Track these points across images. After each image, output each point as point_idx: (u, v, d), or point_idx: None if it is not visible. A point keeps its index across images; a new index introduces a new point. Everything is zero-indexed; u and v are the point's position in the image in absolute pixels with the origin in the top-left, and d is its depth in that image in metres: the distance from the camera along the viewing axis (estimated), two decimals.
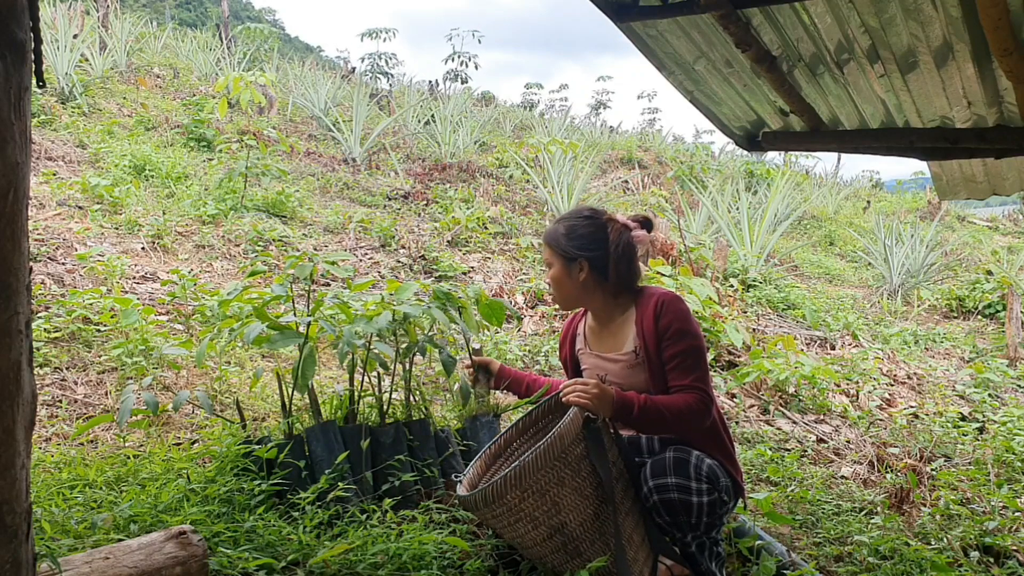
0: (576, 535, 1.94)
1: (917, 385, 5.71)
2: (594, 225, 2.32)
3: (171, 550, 1.82)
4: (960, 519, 3.18)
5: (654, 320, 2.22)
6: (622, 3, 2.57)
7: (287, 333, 2.48)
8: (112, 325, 3.80)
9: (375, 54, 18.63)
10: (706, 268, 6.94)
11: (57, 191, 5.83)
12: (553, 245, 2.34)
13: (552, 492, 1.89)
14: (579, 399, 2.02)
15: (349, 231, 6.73)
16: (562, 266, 2.32)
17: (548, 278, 2.38)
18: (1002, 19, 2.07)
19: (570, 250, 2.31)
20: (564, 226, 2.34)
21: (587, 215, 2.36)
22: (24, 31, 1.18)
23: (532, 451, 1.88)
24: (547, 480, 1.88)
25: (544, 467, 1.87)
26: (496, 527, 2.02)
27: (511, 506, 1.89)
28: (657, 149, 15.68)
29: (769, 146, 3.69)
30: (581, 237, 2.31)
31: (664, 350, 2.20)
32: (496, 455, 2.29)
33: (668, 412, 2.11)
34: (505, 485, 1.87)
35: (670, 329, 2.19)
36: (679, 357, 2.18)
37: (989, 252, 11.43)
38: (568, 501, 1.92)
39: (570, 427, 1.92)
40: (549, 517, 1.91)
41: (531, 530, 1.92)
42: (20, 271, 1.19)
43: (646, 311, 2.26)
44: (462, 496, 2.01)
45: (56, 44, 8.83)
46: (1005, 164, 3.93)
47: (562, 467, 1.90)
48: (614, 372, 2.31)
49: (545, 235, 2.39)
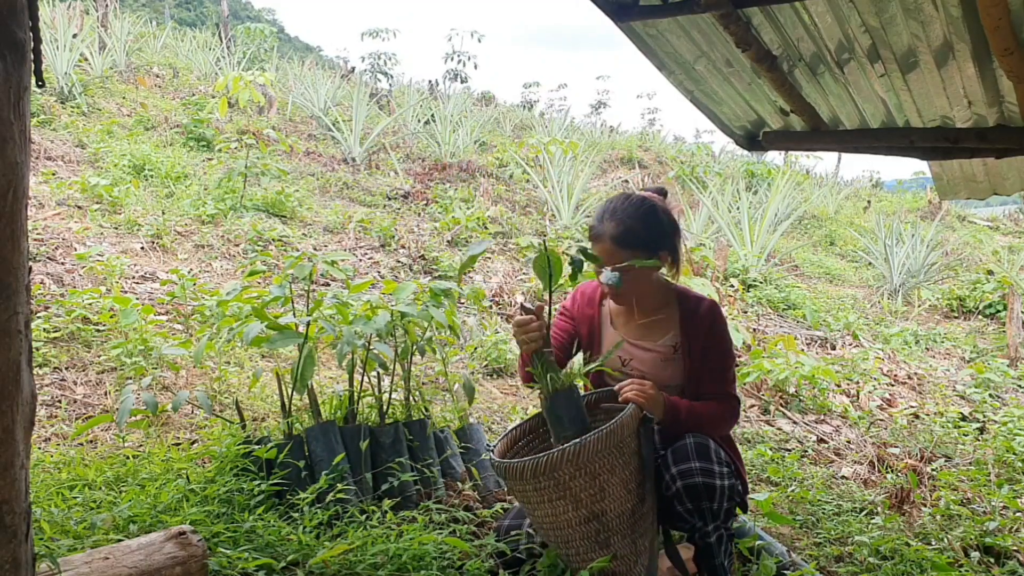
0: (611, 526, 1.97)
1: (917, 385, 5.71)
2: (654, 212, 2.20)
3: (171, 550, 1.82)
4: (960, 519, 3.17)
5: (709, 325, 2.24)
6: (622, 3, 2.57)
7: (286, 333, 2.48)
8: (111, 325, 3.79)
9: (375, 54, 18.62)
10: (707, 268, 6.93)
11: (56, 191, 5.83)
12: (634, 245, 2.14)
13: (602, 478, 1.93)
14: (638, 397, 2.04)
15: (349, 231, 6.73)
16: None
17: (626, 280, 2.10)
18: (1003, 19, 2.07)
19: (653, 242, 2.18)
20: (635, 222, 2.16)
21: (644, 207, 2.19)
22: (24, 31, 1.17)
23: (594, 433, 1.90)
24: (600, 465, 1.91)
25: (602, 451, 1.91)
26: (531, 501, 1.99)
27: (560, 481, 1.91)
28: (657, 149, 15.67)
29: (769, 146, 3.69)
30: (658, 227, 2.19)
31: (708, 354, 2.24)
32: (516, 439, 2.27)
33: (707, 419, 2.18)
34: (561, 459, 1.89)
35: (718, 338, 2.26)
36: (721, 366, 2.25)
37: (990, 252, 11.43)
38: (613, 491, 1.95)
39: (630, 420, 1.97)
40: (593, 502, 1.94)
41: (571, 510, 1.94)
42: (20, 271, 1.19)
43: (696, 313, 2.26)
44: (508, 463, 1.97)
45: (55, 44, 8.82)
46: (1005, 164, 3.93)
47: (616, 456, 1.94)
48: (643, 360, 2.27)
49: (616, 238, 2.14)
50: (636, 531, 2.02)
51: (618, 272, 2.04)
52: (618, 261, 2.12)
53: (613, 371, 2.28)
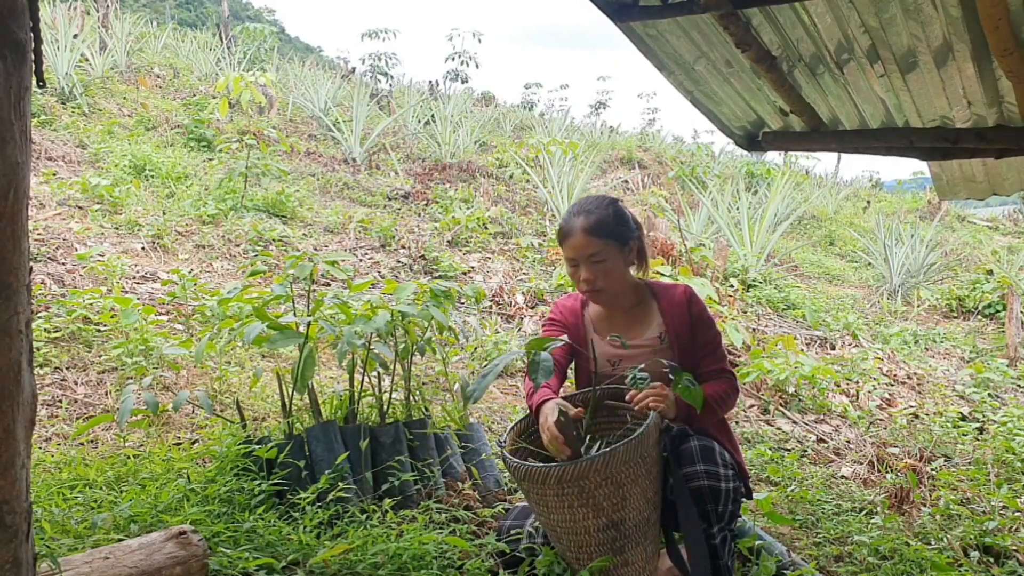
0: (628, 534, 1.98)
1: (917, 385, 5.71)
2: (621, 207, 2.29)
3: (171, 550, 1.82)
4: (960, 519, 3.18)
5: (687, 307, 2.29)
6: (622, 3, 2.57)
7: (287, 333, 2.48)
8: (112, 325, 3.80)
9: (375, 54, 18.60)
10: (706, 268, 6.94)
11: (57, 191, 5.83)
12: (606, 234, 2.20)
13: (626, 487, 1.93)
14: (657, 404, 2.04)
15: (349, 231, 6.73)
16: (617, 253, 2.23)
17: (601, 274, 2.21)
18: (1002, 19, 2.07)
19: (623, 233, 2.23)
20: (605, 212, 2.23)
21: (608, 200, 2.29)
22: (24, 31, 1.18)
23: (623, 444, 1.90)
24: (626, 474, 1.92)
25: (629, 461, 1.91)
26: (548, 505, 1.98)
27: (585, 489, 1.91)
28: (657, 149, 15.67)
29: (769, 146, 3.69)
30: (626, 219, 2.27)
31: (696, 334, 2.28)
32: (520, 433, 2.25)
33: (716, 401, 2.20)
34: (589, 468, 1.89)
35: (702, 317, 2.30)
36: (712, 343, 2.30)
37: (989, 252, 11.43)
38: (634, 500, 1.96)
39: (654, 430, 1.99)
40: (614, 510, 1.94)
41: (591, 517, 1.94)
42: (20, 271, 1.19)
43: (673, 299, 2.31)
44: (532, 466, 1.96)
45: (56, 44, 8.82)
46: (1005, 164, 3.93)
47: (640, 465, 1.95)
48: (633, 357, 2.27)
49: (588, 228, 2.19)
50: (648, 538, 2.03)
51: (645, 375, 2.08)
52: (591, 251, 2.19)
53: (605, 373, 2.29)
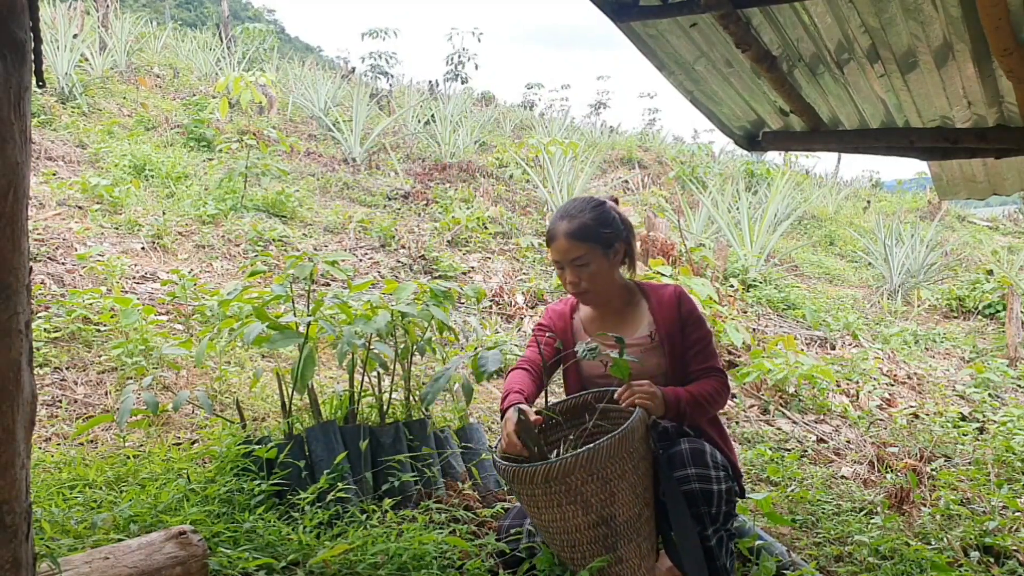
0: (619, 531, 1.98)
1: (917, 385, 5.71)
2: (606, 210, 2.29)
3: (171, 550, 1.82)
4: (960, 519, 3.17)
5: (676, 307, 2.30)
6: (622, 3, 2.57)
7: (287, 333, 2.48)
8: (112, 325, 3.80)
9: (375, 54, 18.60)
10: (706, 268, 6.93)
11: (57, 191, 5.83)
12: (588, 238, 2.21)
13: (613, 483, 1.94)
14: (643, 400, 2.05)
15: (349, 231, 6.73)
16: (601, 256, 2.23)
17: (586, 277, 2.23)
18: (1002, 19, 2.07)
19: (606, 236, 2.24)
20: (587, 217, 2.24)
21: (594, 203, 2.29)
22: (24, 31, 1.18)
23: (607, 439, 1.91)
24: (612, 470, 1.93)
25: (614, 456, 1.92)
26: (539, 505, 1.98)
27: (571, 486, 1.92)
28: (657, 149, 15.67)
29: (769, 146, 3.69)
30: (609, 222, 2.26)
31: (686, 333, 2.29)
32: None
33: (706, 400, 2.19)
34: (574, 464, 1.89)
35: (692, 316, 2.31)
36: (702, 342, 2.29)
37: (989, 252, 11.43)
38: (623, 496, 1.96)
39: (639, 425, 1.99)
40: (603, 506, 1.94)
41: (580, 515, 1.95)
42: (20, 271, 1.19)
43: (662, 299, 2.32)
44: (517, 467, 1.96)
45: (56, 44, 8.82)
46: (1005, 164, 3.93)
47: (627, 461, 1.95)
48: None
49: (571, 233, 2.21)
50: (641, 535, 2.02)
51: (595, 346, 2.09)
52: (574, 256, 2.21)
53: (596, 375, 2.30)
